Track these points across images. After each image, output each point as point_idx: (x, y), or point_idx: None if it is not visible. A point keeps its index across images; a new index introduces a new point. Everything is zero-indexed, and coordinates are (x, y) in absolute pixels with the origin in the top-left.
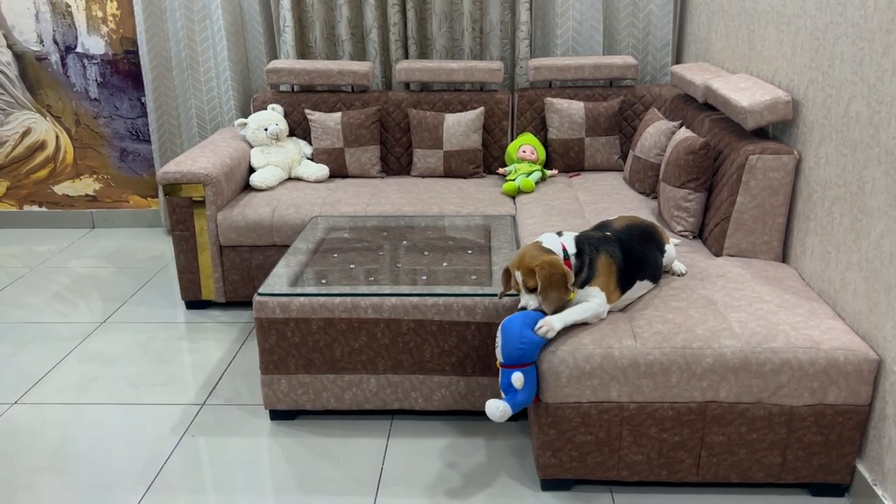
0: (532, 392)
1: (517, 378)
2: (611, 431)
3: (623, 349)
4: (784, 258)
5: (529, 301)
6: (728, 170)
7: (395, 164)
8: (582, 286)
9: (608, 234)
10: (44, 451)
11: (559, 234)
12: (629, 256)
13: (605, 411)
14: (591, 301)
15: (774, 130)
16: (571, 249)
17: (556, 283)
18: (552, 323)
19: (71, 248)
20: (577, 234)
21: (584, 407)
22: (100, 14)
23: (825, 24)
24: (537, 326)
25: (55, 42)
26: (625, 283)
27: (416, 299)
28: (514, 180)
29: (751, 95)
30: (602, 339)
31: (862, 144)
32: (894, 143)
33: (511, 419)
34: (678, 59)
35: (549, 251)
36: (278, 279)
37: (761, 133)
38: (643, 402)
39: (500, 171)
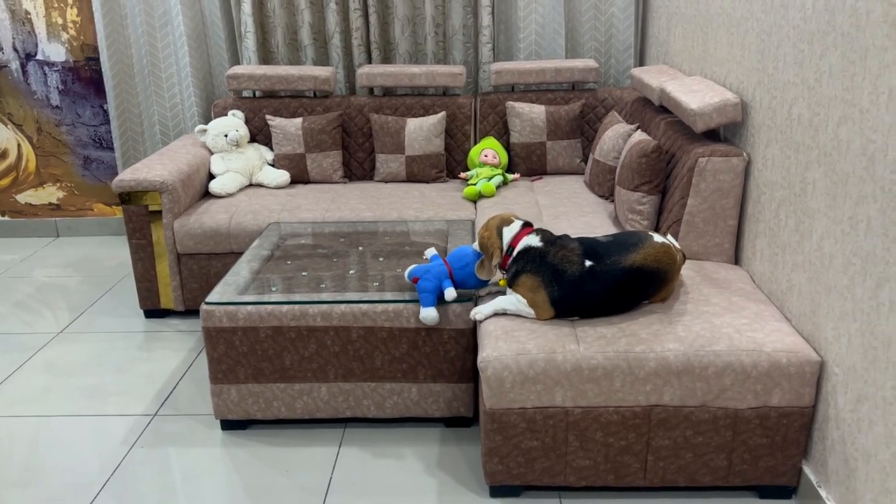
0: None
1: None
2: (557, 437)
3: (566, 353)
4: (736, 260)
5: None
6: (679, 172)
7: (359, 169)
8: (509, 284)
9: (579, 263)
10: None
11: (533, 229)
12: (574, 295)
13: (551, 416)
14: (514, 297)
15: (726, 132)
16: (519, 247)
17: (486, 255)
18: (483, 311)
19: (34, 256)
20: (539, 239)
21: (529, 412)
22: (60, 21)
23: (770, 27)
24: (473, 312)
25: (15, 49)
26: (561, 312)
27: (365, 306)
28: (475, 184)
29: (701, 98)
30: (545, 344)
31: (803, 146)
32: (832, 144)
33: (463, 425)
34: (641, 62)
35: (503, 227)
36: (227, 287)
37: (713, 135)
38: (588, 406)
39: (462, 175)
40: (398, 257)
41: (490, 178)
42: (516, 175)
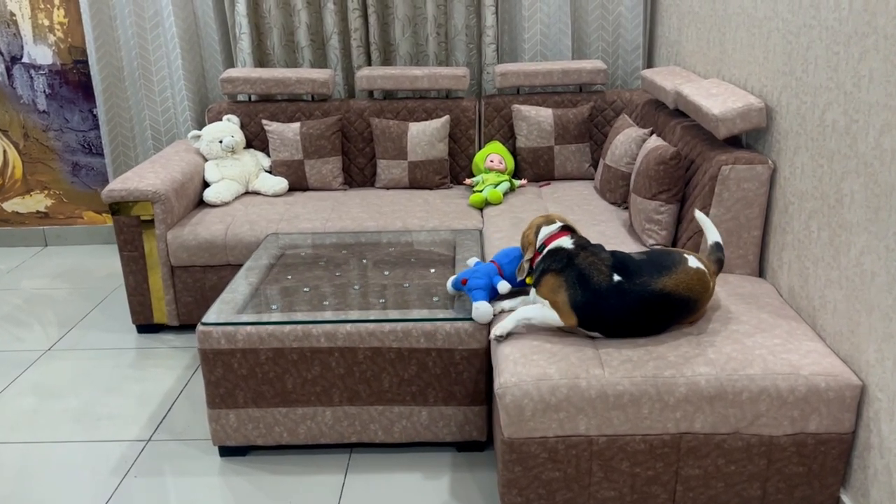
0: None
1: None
2: (580, 467)
3: (590, 379)
4: (760, 273)
5: None
6: (700, 180)
7: (359, 175)
8: (535, 283)
9: (607, 275)
10: None
11: (571, 232)
12: (596, 305)
13: (574, 446)
14: (539, 305)
15: (748, 138)
16: (550, 246)
17: (524, 253)
18: (504, 325)
19: (22, 267)
20: (572, 242)
21: (550, 442)
22: (46, 22)
23: (798, 28)
24: (494, 329)
25: (0, 52)
26: (582, 320)
27: (372, 326)
28: (481, 191)
29: (722, 102)
30: (568, 369)
31: (839, 154)
32: (873, 154)
33: (476, 450)
34: (649, 63)
35: (543, 226)
36: (225, 306)
37: (734, 141)
38: (613, 435)
39: (467, 181)
40: (404, 270)
41: (497, 185)
42: (523, 181)
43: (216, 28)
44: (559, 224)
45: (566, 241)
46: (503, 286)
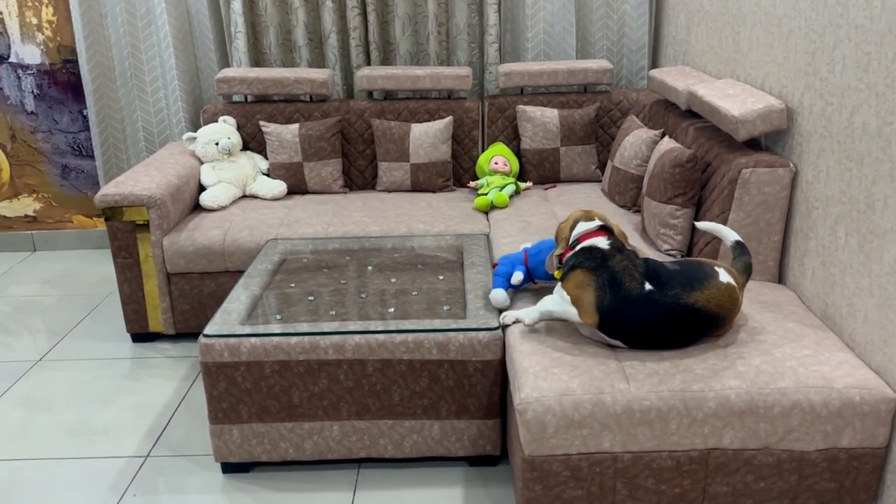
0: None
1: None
2: (604, 485)
3: (616, 394)
4: (780, 279)
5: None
6: (719, 184)
7: (359, 178)
8: (562, 278)
9: (639, 282)
10: None
11: (608, 232)
12: (623, 312)
13: (597, 463)
14: (556, 296)
15: (766, 141)
16: (584, 243)
17: (556, 247)
18: (531, 315)
19: (9, 273)
20: (608, 243)
21: (573, 459)
22: (34, 21)
23: (822, 26)
24: (518, 313)
25: None
26: (605, 324)
27: (381, 336)
28: (486, 194)
29: (741, 103)
30: (592, 384)
31: (870, 158)
32: None
33: (489, 464)
34: (655, 63)
35: (581, 221)
36: (227, 317)
37: (752, 144)
38: (639, 451)
39: (472, 184)
40: (412, 277)
41: (502, 188)
42: (529, 184)
43: (211, 26)
44: (597, 223)
45: (602, 241)
46: (516, 277)
